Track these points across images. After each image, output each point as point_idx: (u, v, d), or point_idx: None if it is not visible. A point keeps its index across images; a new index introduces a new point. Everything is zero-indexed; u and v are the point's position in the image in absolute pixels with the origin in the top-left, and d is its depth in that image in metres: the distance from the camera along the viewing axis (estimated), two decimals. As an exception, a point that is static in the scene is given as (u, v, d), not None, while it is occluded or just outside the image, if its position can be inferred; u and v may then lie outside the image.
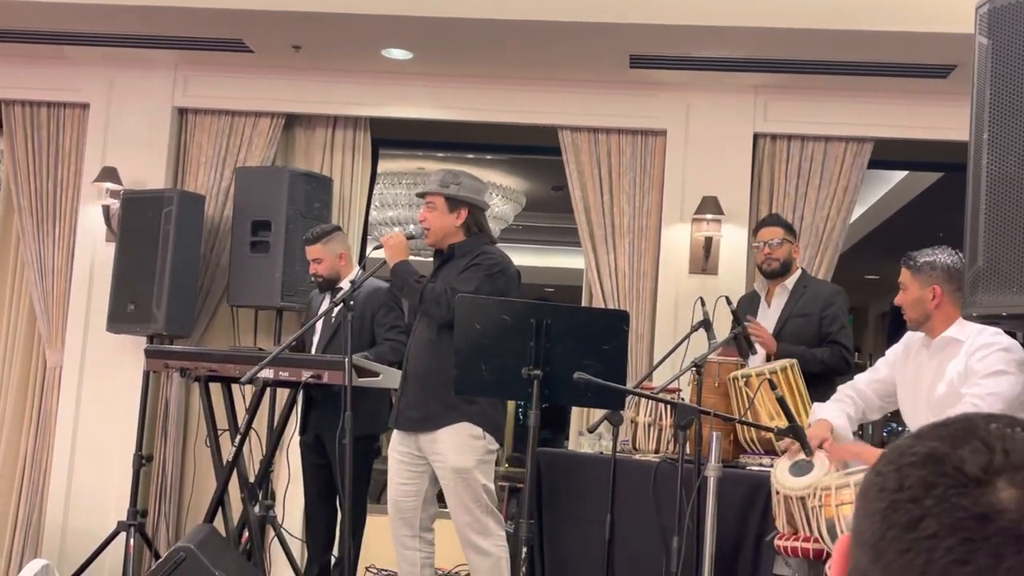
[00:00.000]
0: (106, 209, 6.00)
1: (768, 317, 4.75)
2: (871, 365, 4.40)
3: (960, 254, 3.33)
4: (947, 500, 0.71)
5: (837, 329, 4.61)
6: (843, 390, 3.69)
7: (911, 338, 3.59)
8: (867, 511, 0.76)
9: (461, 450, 3.98)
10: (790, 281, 4.76)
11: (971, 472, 0.72)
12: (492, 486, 4.10)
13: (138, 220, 5.70)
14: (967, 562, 0.69)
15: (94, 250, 6.09)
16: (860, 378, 3.72)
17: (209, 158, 6.13)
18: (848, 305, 4.77)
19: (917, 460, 0.74)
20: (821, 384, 4.29)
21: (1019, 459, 0.72)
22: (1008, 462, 0.72)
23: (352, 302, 4.12)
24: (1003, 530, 0.69)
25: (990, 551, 0.68)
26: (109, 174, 5.92)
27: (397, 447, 4.17)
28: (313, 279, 5.12)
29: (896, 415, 3.80)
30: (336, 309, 4.53)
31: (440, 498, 4.28)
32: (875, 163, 5.92)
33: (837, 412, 3.56)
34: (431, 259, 4.38)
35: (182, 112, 6.21)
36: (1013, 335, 3.36)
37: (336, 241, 5.09)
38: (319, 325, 5.05)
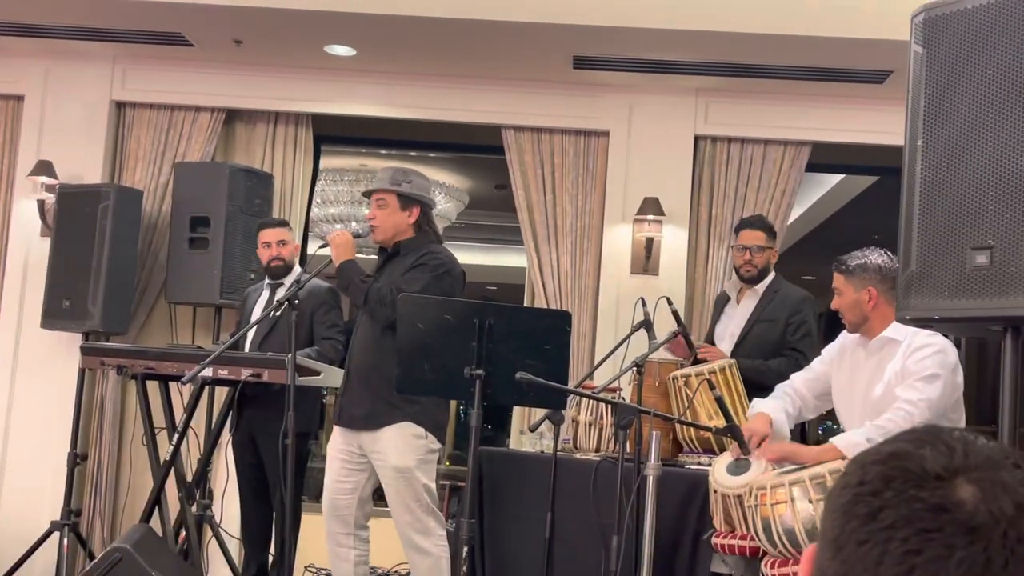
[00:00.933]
0: (41, 203, 5.89)
1: (736, 318, 4.74)
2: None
3: (891, 253, 3.39)
4: (905, 492, 0.73)
5: (800, 337, 4.56)
6: (781, 387, 3.73)
7: (847, 337, 3.64)
8: (830, 507, 0.77)
9: (403, 449, 3.98)
10: (761, 285, 4.70)
11: (931, 469, 0.74)
12: (433, 486, 4.10)
13: (74, 215, 5.61)
14: (920, 552, 0.71)
15: (28, 245, 5.98)
16: (796, 377, 3.76)
17: (147, 152, 6.04)
18: (817, 312, 4.74)
19: (880, 458, 0.77)
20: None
21: (978, 460, 0.74)
22: (967, 462, 0.74)
23: (297, 300, 4.09)
24: (956, 521, 0.71)
25: (943, 542, 0.70)
26: (44, 168, 5.81)
27: (337, 444, 4.15)
28: (270, 264, 5.02)
29: (832, 414, 3.86)
30: (282, 307, 4.47)
31: (378, 496, 4.26)
32: (812, 166, 6.02)
33: (776, 407, 3.60)
34: (375, 256, 4.37)
35: (120, 105, 6.11)
36: (956, 341, 3.43)
37: (293, 231, 5.18)
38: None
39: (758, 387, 4.24)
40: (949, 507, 0.72)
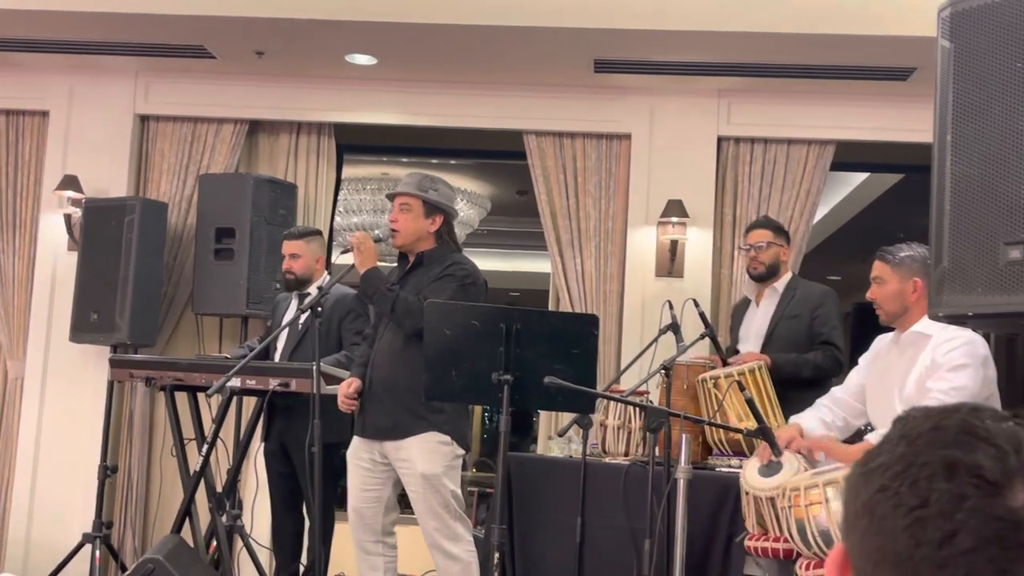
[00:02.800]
0: (67, 218, 5.93)
1: (758, 320, 4.75)
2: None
3: None
4: (979, 512, 0.71)
5: (828, 330, 4.56)
6: (819, 401, 3.72)
7: (881, 341, 3.63)
8: (884, 529, 0.75)
9: (430, 456, 3.97)
10: (780, 284, 4.72)
11: (991, 478, 0.72)
12: (459, 492, 4.09)
13: (100, 229, 5.65)
14: (1007, 571, 0.70)
15: (56, 259, 6.02)
16: (835, 389, 3.75)
17: (172, 165, 6.08)
18: (839, 306, 4.75)
19: (933, 472, 0.74)
20: (814, 389, 4.25)
21: None
22: (1021, 461, 0.73)
23: (320, 308, 4.08)
24: None
25: None
26: (70, 182, 5.85)
27: (359, 454, 4.14)
28: (284, 276, 5.07)
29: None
30: (304, 316, 4.49)
31: (403, 504, 4.26)
32: (837, 165, 5.98)
33: (809, 416, 3.60)
34: (394, 263, 4.36)
35: (144, 119, 6.15)
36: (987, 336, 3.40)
37: (317, 243, 5.12)
38: (283, 332, 5.03)
39: (795, 381, 4.23)
40: (1022, 523, 0.71)
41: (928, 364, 3.33)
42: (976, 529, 0.71)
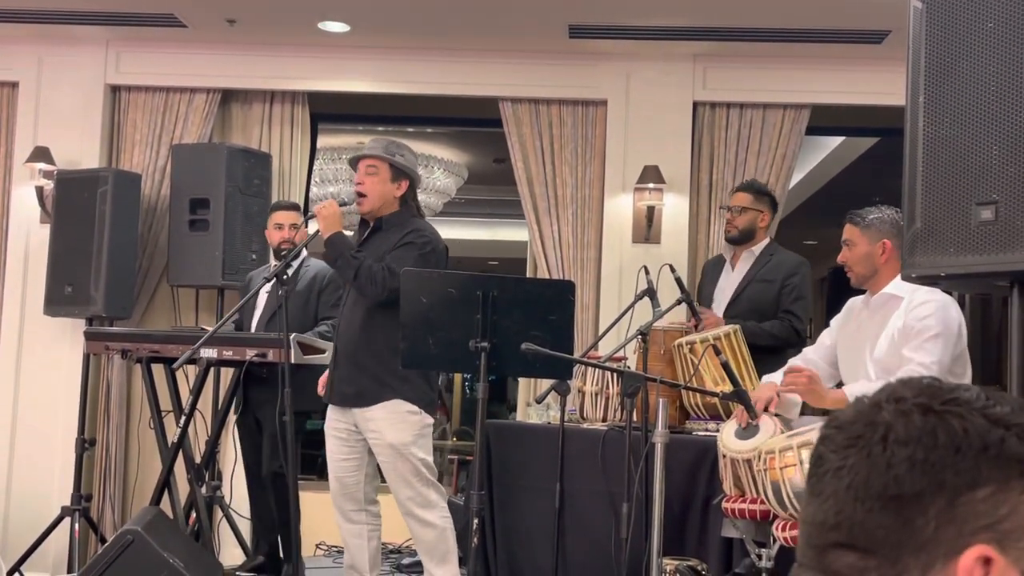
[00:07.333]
0: (39, 190, 5.87)
1: (731, 280, 4.79)
2: (810, 329, 4.47)
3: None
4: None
5: (793, 300, 4.63)
6: (792, 362, 3.74)
7: (852, 303, 3.65)
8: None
9: (398, 426, 3.96)
10: (758, 248, 4.79)
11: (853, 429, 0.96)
12: (431, 459, 4.09)
13: (73, 201, 5.59)
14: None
15: (28, 232, 5.97)
16: (807, 350, 3.78)
17: (144, 136, 6.02)
18: (810, 277, 4.80)
19: None
20: (771, 356, 4.31)
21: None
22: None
23: (286, 277, 4.04)
24: None
25: None
26: (42, 154, 5.79)
27: (334, 423, 4.13)
28: (280, 247, 5.06)
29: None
30: (280, 286, 4.46)
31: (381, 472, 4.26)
32: (812, 129, 5.99)
33: (782, 376, 3.62)
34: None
35: (115, 89, 6.08)
36: (960, 297, 3.43)
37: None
38: (261, 303, 5.02)
39: (752, 349, 4.25)
40: None
41: (900, 327, 3.35)
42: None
